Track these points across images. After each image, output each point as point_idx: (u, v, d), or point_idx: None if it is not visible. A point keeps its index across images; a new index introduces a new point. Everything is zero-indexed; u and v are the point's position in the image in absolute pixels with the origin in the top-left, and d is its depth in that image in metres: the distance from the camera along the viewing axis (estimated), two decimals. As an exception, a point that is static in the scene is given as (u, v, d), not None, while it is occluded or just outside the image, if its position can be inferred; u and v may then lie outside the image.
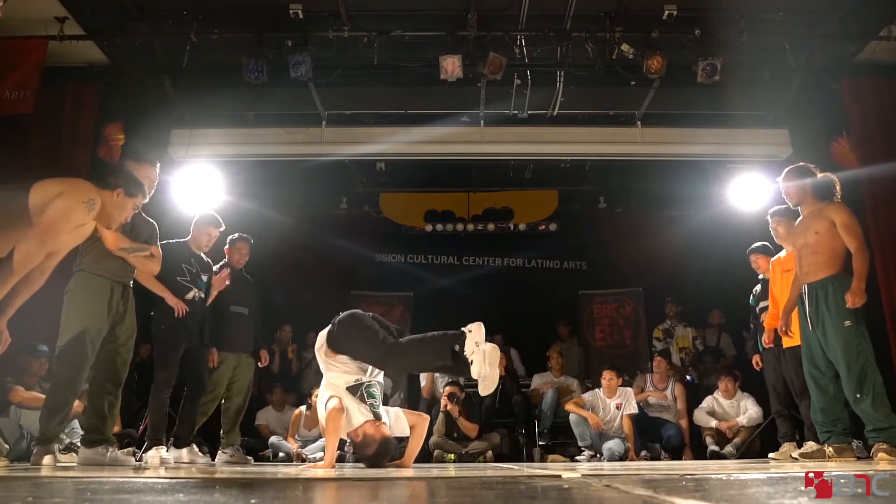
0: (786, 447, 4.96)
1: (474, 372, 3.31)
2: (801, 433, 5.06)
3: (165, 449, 4.51)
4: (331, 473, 3.06)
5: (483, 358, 3.28)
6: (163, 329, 4.57)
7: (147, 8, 5.64)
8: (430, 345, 3.49)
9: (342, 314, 3.80)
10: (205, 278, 4.82)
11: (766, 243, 5.29)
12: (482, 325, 3.38)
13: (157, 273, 4.29)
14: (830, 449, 4.02)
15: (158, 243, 4.24)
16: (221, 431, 5.25)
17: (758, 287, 5.43)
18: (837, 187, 4.17)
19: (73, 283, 3.91)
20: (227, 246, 5.36)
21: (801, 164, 4.34)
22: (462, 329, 3.39)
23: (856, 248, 3.95)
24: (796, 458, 4.34)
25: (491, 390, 3.43)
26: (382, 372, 3.84)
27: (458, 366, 3.41)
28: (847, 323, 3.91)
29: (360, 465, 4.56)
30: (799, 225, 4.27)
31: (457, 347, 3.36)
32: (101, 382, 3.97)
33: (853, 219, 4.03)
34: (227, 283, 4.92)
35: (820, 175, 4.20)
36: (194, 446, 4.83)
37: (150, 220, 4.20)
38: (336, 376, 3.70)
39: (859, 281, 3.87)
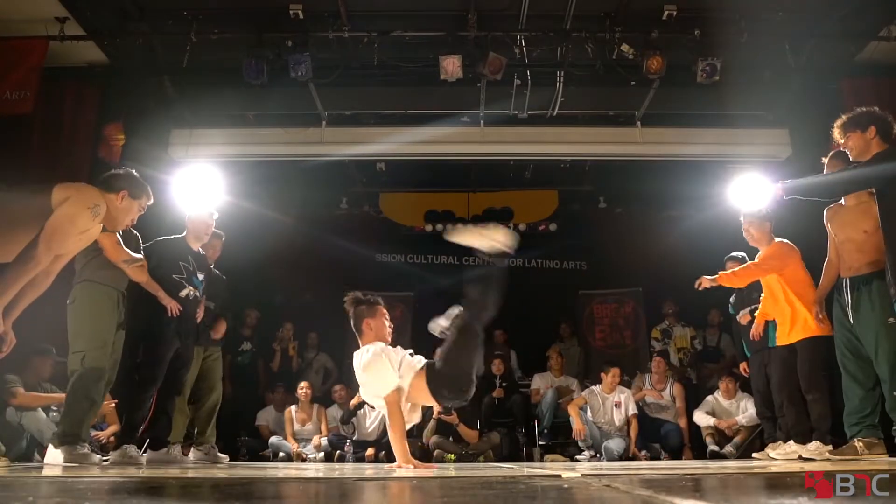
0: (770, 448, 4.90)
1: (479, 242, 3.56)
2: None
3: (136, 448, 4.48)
4: (408, 472, 2.93)
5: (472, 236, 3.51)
6: (154, 325, 4.50)
7: (147, 8, 5.65)
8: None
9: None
10: (200, 276, 4.78)
11: (742, 253, 5.18)
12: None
13: (145, 280, 4.33)
14: (860, 444, 3.80)
15: (143, 253, 4.27)
16: (196, 430, 5.11)
17: (733, 296, 5.41)
18: None
19: (81, 294, 3.96)
20: None
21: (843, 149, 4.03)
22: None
23: None
24: (774, 459, 4.17)
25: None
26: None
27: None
28: (891, 320, 3.67)
29: (361, 463, 4.55)
30: (841, 216, 3.99)
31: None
32: None
33: None
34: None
35: None
36: (177, 447, 4.80)
37: (134, 230, 4.16)
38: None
39: None
